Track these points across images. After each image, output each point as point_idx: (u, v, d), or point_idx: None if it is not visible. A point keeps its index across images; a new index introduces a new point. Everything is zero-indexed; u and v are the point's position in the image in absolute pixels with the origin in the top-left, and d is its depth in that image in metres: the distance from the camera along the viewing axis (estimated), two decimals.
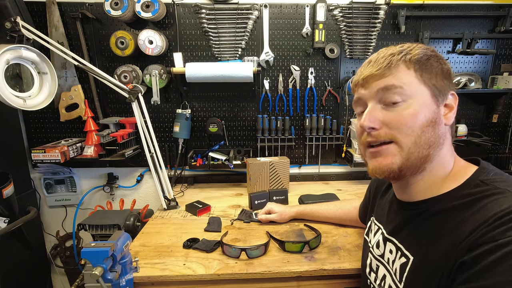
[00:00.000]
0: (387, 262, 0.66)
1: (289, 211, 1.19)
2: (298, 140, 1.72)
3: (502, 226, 0.45)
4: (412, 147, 0.55)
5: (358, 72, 0.63)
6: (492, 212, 0.47)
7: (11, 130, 1.53)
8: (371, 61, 0.60)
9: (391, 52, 0.58)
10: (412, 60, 0.56)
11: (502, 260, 0.42)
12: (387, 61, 0.57)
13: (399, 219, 0.65)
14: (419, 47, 0.58)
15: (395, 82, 0.55)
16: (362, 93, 0.60)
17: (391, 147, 0.57)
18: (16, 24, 1.12)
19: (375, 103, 0.58)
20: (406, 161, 0.56)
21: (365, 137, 0.60)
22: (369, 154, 0.61)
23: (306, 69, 1.62)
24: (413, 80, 0.55)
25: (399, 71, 0.56)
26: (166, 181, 1.40)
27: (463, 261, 0.47)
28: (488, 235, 0.45)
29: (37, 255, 1.65)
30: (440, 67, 0.57)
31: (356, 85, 0.62)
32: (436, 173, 0.58)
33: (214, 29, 1.55)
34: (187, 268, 0.92)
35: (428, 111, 0.55)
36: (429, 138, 0.55)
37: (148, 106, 1.53)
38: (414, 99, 0.55)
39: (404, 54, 0.56)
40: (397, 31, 1.58)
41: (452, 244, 0.50)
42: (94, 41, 1.55)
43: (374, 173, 0.60)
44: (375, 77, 0.58)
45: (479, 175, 0.55)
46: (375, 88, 0.57)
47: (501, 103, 1.65)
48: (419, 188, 0.60)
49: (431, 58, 0.57)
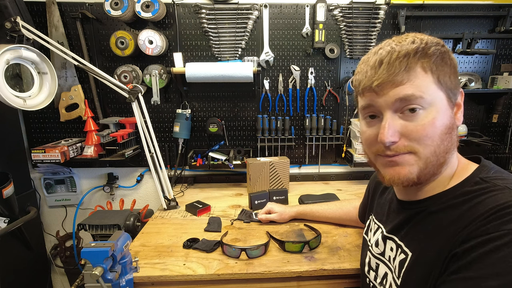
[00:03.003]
0: (388, 260, 0.66)
1: (289, 211, 1.19)
2: (298, 140, 1.72)
3: (497, 220, 0.45)
4: (430, 156, 0.53)
5: (364, 72, 0.56)
6: (488, 206, 0.47)
7: (11, 130, 1.53)
8: (383, 63, 0.53)
9: (405, 51, 0.52)
10: (430, 61, 0.52)
11: (491, 253, 0.43)
12: (404, 65, 0.51)
13: (400, 218, 0.65)
14: (431, 42, 0.53)
15: (414, 91, 0.51)
16: (376, 101, 0.54)
17: (408, 157, 0.54)
18: (16, 24, 1.12)
19: (392, 113, 0.53)
20: (424, 170, 0.54)
21: (381, 149, 0.56)
22: (384, 163, 0.57)
23: (306, 69, 1.62)
24: (431, 86, 0.52)
25: (417, 77, 0.51)
26: (166, 181, 1.40)
27: (455, 253, 0.47)
28: (482, 228, 0.46)
29: (37, 255, 1.65)
30: (452, 64, 0.54)
31: (366, 89, 0.55)
32: (445, 173, 0.58)
33: (214, 29, 1.55)
34: (187, 268, 0.92)
35: (446, 118, 0.53)
36: (446, 145, 0.54)
37: (148, 106, 1.53)
38: (433, 106, 0.52)
39: (420, 54, 0.52)
40: (397, 31, 1.58)
41: (448, 238, 0.50)
42: (94, 41, 1.55)
43: (391, 183, 0.57)
44: (392, 84, 0.52)
45: (480, 173, 0.55)
46: (392, 98, 0.52)
47: (501, 103, 1.65)
48: (426, 188, 0.59)
49: (445, 55, 0.53)
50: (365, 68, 0.56)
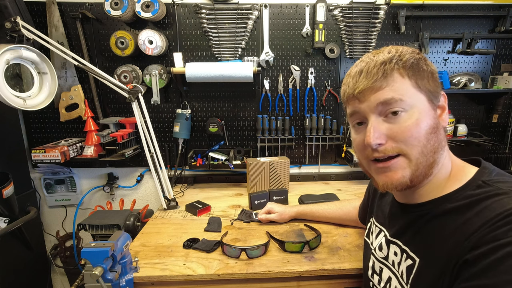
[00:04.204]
0: (392, 264, 0.66)
1: (289, 211, 1.19)
2: (298, 140, 1.72)
3: (505, 226, 0.45)
4: (420, 157, 0.54)
5: (347, 83, 0.60)
6: (495, 212, 0.47)
7: (11, 130, 1.53)
8: (363, 72, 0.57)
9: (382, 60, 0.56)
10: (405, 67, 0.55)
11: (503, 260, 0.43)
12: (381, 71, 0.55)
13: (402, 221, 0.65)
14: (406, 51, 0.57)
15: (394, 95, 0.54)
16: (359, 107, 0.58)
17: (400, 161, 0.56)
18: (16, 24, 1.12)
19: (376, 117, 0.56)
20: (416, 172, 0.55)
21: (370, 153, 0.58)
22: (377, 169, 0.59)
23: (306, 69, 1.62)
24: (410, 89, 0.55)
25: (395, 81, 0.55)
26: (166, 181, 1.40)
27: (465, 260, 0.47)
28: (490, 234, 0.46)
29: (37, 255, 1.65)
30: (429, 69, 0.57)
31: (349, 98, 0.60)
32: (439, 175, 0.58)
33: (214, 29, 1.55)
34: (187, 268, 0.92)
35: (429, 118, 0.55)
36: (433, 145, 0.55)
37: (148, 106, 1.53)
38: (414, 108, 0.54)
39: (396, 61, 0.55)
40: (397, 31, 1.58)
41: (456, 244, 0.50)
42: (94, 41, 1.55)
43: (385, 188, 0.58)
44: (372, 90, 0.56)
45: (481, 176, 0.55)
46: (374, 102, 0.56)
47: (501, 103, 1.65)
48: (422, 191, 0.60)
49: (420, 61, 0.56)
50: (348, 79, 0.61)
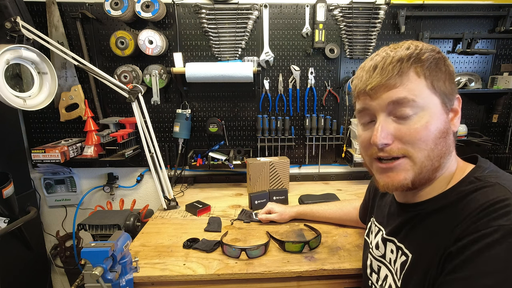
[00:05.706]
0: (389, 262, 0.66)
1: (289, 211, 1.19)
2: (298, 140, 1.72)
3: (487, 216, 0.45)
4: (425, 161, 0.53)
5: (360, 77, 0.58)
6: (478, 203, 0.48)
7: (11, 130, 1.53)
8: (377, 67, 0.54)
9: (399, 57, 0.53)
10: (423, 66, 0.53)
11: (484, 251, 0.43)
12: (397, 69, 0.53)
13: (399, 220, 0.65)
14: (426, 49, 0.54)
15: (407, 94, 0.52)
16: (370, 104, 0.56)
17: (404, 162, 0.54)
18: (16, 24, 1.12)
19: (386, 116, 0.55)
20: (419, 175, 0.55)
21: (375, 152, 0.57)
22: (379, 169, 0.58)
23: (306, 69, 1.62)
24: (424, 90, 0.53)
25: (410, 81, 0.53)
26: (166, 181, 1.40)
27: (450, 252, 0.48)
28: (472, 225, 0.46)
29: (37, 255, 1.65)
30: (448, 70, 0.55)
31: (361, 93, 0.57)
32: (442, 178, 0.58)
33: (214, 29, 1.55)
34: (187, 268, 0.92)
35: (440, 122, 0.53)
36: (441, 150, 0.54)
37: (148, 106, 1.53)
38: (426, 110, 0.53)
39: (414, 59, 0.53)
40: (397, 31, 1.58)
41: (443, 237, 0.50)
42: (94, 41, 1.55)
43: (385, 189, 0.58)
44: (385, 87, 0.53)
45: (474, 173, 0.55)
46: (386, 101, 0.54)
47: (501, 103, 1.65)
48: (423, 192, 0.60)
49: (439, 61, 0.54)
50: (361, 73, 0.58)
